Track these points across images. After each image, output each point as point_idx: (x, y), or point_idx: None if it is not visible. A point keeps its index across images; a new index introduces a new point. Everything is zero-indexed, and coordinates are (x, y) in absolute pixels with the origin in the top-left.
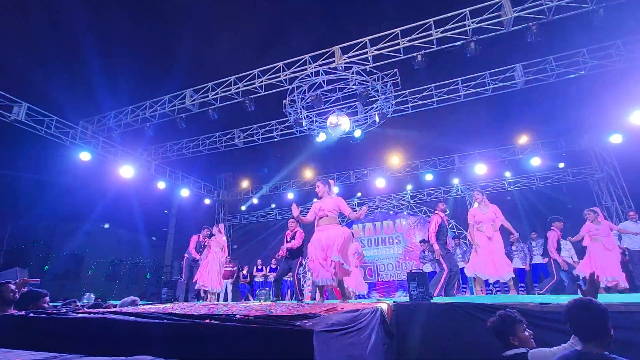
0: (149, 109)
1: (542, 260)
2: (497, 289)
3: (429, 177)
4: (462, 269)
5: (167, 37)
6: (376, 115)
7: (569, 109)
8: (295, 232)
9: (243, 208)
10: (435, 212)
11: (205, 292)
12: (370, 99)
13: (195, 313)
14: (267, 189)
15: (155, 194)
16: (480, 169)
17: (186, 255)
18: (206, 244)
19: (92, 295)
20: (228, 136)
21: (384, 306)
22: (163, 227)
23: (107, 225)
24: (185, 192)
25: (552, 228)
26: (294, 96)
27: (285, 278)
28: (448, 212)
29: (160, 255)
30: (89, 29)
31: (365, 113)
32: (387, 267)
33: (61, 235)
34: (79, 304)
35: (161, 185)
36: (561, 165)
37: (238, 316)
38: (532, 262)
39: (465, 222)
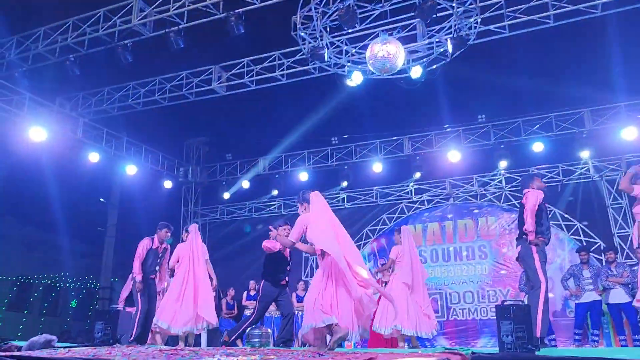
0: (72, 31)
1: None
2: None
3: (537, 146)
4: (594, 302)
5: None
6: (449, 42)
7: None
8: None
9: (226, 196)
10: (530, 188)
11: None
12: (440, 14)
13: None
14: (266, 165)
15: (84, 172)
16: (630, 133)
17: (138, 276)
18: (162, 254)
19: None
20: (202, 77)
21: (454, 358)
22: (98, 225)
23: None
24: (132, 169)
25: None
26: (310, 9)
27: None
28: (566, 204)
29: (94, 272)
30: None
31: (430, 38)
32: (463, 297)
33: None
34: None
35: (94, 157)
36: None
37: None
38: None
39: (600, 224)
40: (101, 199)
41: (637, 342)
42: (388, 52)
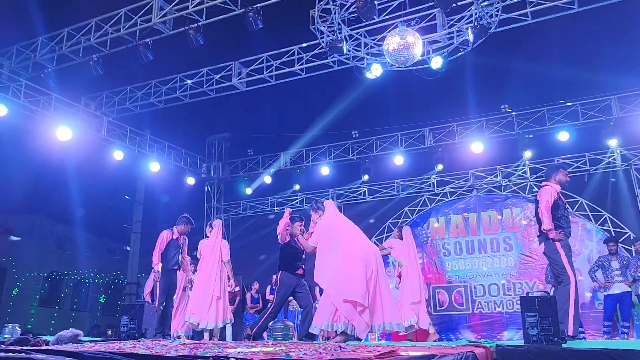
0: (95, 31)
1: None
2: None
3: (563, 135)
4: (623, 294)
5: None
6: (469, 31)
7: None
8: None
9: (249, 191)
10: (549, 181)
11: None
12: (460, 3)
13: (167, 354)
14: (287, 160)
15: (109, 170)
16: None
17: (156, 266)
18: (182, 245)
19: (18, 327)
20: (222, 73)
21: (478, 351)
22: (124, 221)
23: (127, 197)
24: (155, 167)
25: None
26: (328, 2)
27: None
28: (593, 194)
29: (121, 267)
30: None
31: (450, 28)
32: (488, 289)
33: None
34: None
35: (118, 155)
36: None
37: None
38: None
39: (629, 213)
40: (126, 197)
41: None
42: (405, 42)
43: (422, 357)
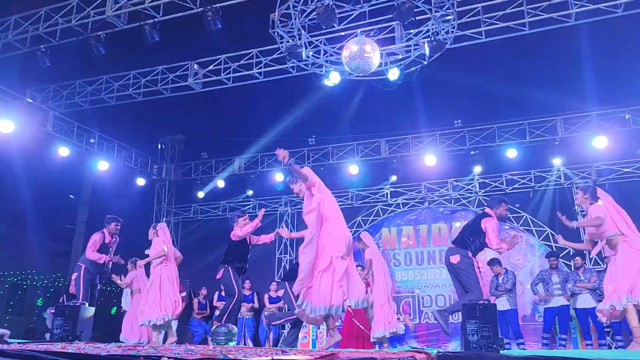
0: (44, 21)
1: None
2: (620, 340)
3: (511, 152)
4: (562, 307)
5: None
6: (426, 45)
7: None
8: None
9: (201, 195)
10: (493, 210)
11: None
12: (418, 18)
13: (96, 354)
14: (242, 165)
15: (53, 167)
16: (600, 142)
17: (83, 265)
18: (111, 247)
19: None
20: (178, 73)
21: (419, 357)
22: (67, 221)
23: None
24: (104, 165)
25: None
26: (289, 7)
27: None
28: (537, 210)
29: (62, 270)
30: None
31: (407, 41)
32: (435, 300)
33: None
34: None
35: (64, 151)
36: None
37: None
38: None
39: (570, 230)
40: (71, 196)
41: (603, 347)
42: (364, 51)
43: None
